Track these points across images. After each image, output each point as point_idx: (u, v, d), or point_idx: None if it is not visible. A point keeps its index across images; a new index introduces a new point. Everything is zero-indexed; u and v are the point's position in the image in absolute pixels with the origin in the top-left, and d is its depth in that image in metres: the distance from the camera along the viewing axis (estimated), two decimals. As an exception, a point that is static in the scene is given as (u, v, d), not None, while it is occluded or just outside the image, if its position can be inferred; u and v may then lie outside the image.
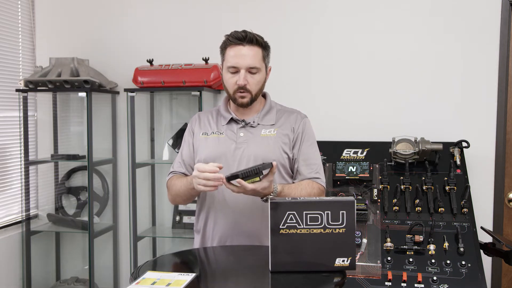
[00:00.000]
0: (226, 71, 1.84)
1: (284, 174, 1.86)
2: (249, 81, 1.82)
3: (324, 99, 3.01)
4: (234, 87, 1.83)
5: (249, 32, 1.82)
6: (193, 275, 1.35)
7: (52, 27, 3.35)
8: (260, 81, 1.86)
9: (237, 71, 1.81)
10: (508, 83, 2.81)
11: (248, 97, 1.84)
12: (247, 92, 1.83)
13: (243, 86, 1.81)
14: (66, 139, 3.37)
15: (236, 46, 1.81)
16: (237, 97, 1.84)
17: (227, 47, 1.83)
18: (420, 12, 2.87)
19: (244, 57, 1.80)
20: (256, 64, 1.82)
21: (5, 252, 3.04)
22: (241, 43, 1.80)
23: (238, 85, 1.81)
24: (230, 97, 1.87)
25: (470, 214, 2.43)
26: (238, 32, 1.82)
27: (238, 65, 1.80)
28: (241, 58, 1.79)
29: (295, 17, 3.02)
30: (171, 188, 1.90)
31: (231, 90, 1.84)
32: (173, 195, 1.91)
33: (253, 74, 1.82)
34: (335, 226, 1.40)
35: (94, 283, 3.09)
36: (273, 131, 1.87)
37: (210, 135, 1.90)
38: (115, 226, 3.30)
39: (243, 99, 1.84)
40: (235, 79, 1.81)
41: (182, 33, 3.17)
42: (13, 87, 3.10)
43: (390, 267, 2.26)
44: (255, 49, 1.82)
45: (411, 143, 2.63)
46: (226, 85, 1.87)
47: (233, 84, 1.82)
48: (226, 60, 1.84)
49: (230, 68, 1.82)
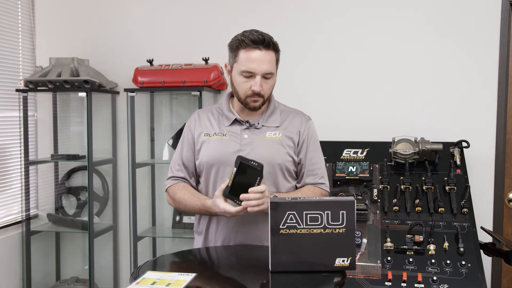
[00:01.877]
0: (239, 75, 1.76)
1: (288, 177, 1.85)
2: (264, 86, 1.76)
3: (324, 99, 3.00)
4: (248, 92, 1.75)
5: (266, 35, 1.74)
6: (193, 275, 1.35)
7: (52, 27, 3.35)
8: (272, 86, 1.82)
9: (251, 76, 1.74)
10: (508, 83, 2.81)
11: (261, 101, 1.79)
12: (260, 97, 1.77)
13: (258, 92, 1.75)
14: (66, 139, 3.37)
15: (252, 50, 1.72)
16: (249, 102, 1.78)
17: (241, 49, 1.74)
18: (420, 12, 2.87)
19: (261, 62, 1.72)
20: (272, 70, 1.76)
21: (5, 252, 3.04)
22: (257, 47, 1.72)
23: (253, 91, 1.74)
24: (241, 101, 1.80)
25: (470, 214, 2.43)
26: (254, 34, 1.73)
27: (255, 70, 1.72)
28: (257, 64, 1.72)
29: (297, 17, 3.02)
30: (177, 201, 1.85)
31: (244, 95, 1.77)
32: (180, 207, 1.87)
33: (267, 79, 1.77)
34: (335, 226, 1.40)
35: (94, 283, 3.09)
36: (278, 134, 1.83)
37: (212, 136, 1.84)
38: (115, 226, 3.29)
39: (255, 103, 1.78)
40: (250, 84, 1.74)
41: (182, 33, 3.17)
42: (13, 87, 3.10)
43: (390, 267, 2.26)
44: (271, 53, 1.75)
45: (411, 143, 2.62)
46: (238, 89, 1.79)
47: (247, 89, 1.75)
48: (240, 63, 1.74)
49: (244, 72, 1.74)
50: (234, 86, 1.81)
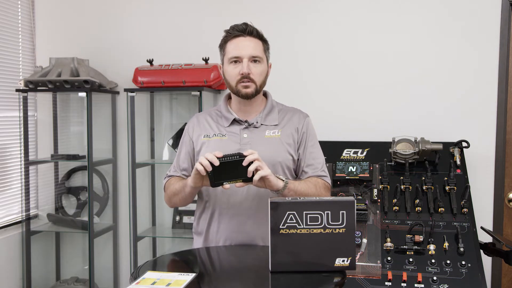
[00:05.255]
0: (228, 64, 1.81)
1: (289, 175, 1.85)
2: (252, 70, 1.78)
3: (324, 99, 3.00)
4: (237, 77, 1.78)
5: (249, 25, 1.82)
6: (193, 275, 1.35)
7: (52, 27, 3.35)
8: (263, 73, 1.83)
9: (239, 61, 1.78)
10: (508, 83, 2.81)
11: (253, 87, 1.79)
12: (251, 82, 1.78)
13: (247, 75, 1.77)
14: (66, 139, 3.37)
15: (237, 38, 1.80)
16: (240, 88, 1.79)
17: (228, 41, 1.81)
18: (420, 12, 2.87)
19: (246, 47, 1.78)
20: (258, 54, 1.80)
21: (5, 252, 3.04)
22: (241, 34, 1.79)
23: (242, 74, 1.77)
24: (233, 90, 1.82)
25: (470, 214, 2.43)
26: (238, 25, 1.81)
27: (240, 54, 1.77)
28: (243, 48, 1.78)
29: (295, 16, 3.02)
30: (168, 188, 1.87)
31: (234, 81, 1.80)
32: (169, 195, 1.86)
33: (256, 63, 1.80)
34: (335, 226, 1.40)
35: (94, 283, 3.09)
36: (277, 132, 1.84)
37: (212, 138, 1.85)
38: (115, 226, 3.30)
39: (247, 89, 1.78)
40: (238, 69, 1.78)
41: (182, 33, 3.17)
42: (13, 87, 3.10)
43: (390, 267, 2.26)
44: (255, 40, 1.81)
45: (411, 143, 2.62)
46: (228, 78, 1.82)
47: (236, 74, 1.78)
48: (228, 52, 1.81)
49: (232, 58, 1.79)
50: (226, 77, 1.85)
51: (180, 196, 1.80)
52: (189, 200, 1.83)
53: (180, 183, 1.80)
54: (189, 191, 1.74)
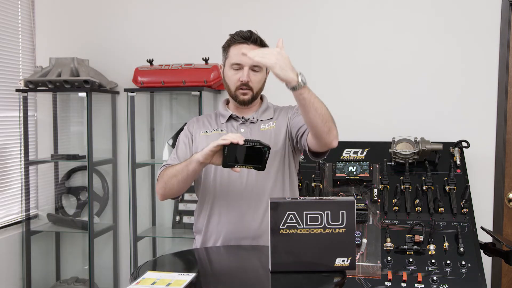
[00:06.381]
0: (229, 68, 1.86)
1: (288, 164, 1.90)
2: (252, 78, 1.85)
3: (324, 99, 2.98)
4: (236, 83, 1.85)
5: (254, 33, 1.86)
6: (193, 275, 1.35)
7: (52, 27, 3.35)
8: (261, 80, 1.90)
9: (240, 68, 1.84)
10: (508, 83, 2.81)
11: (250, 94, 1.86)
12: (249, 89, 1.85)
13: (246, 82, 1.83)
14: (66, 139, 3.37)
15: (240, 44, 1.84)
16: (238, 94, 1.86)
17: (231, 46, 1.86)
18: (421, 12, 2.87)
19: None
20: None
21: (5, 252, 3.04)
22: (245, 41, 1.84)
23: (241, 82, 1.83)
24: (231, 94, 1.89)
25: (470, 214, 2.43)
26: (243, 32, 1.86)
27: (242, 62, 1.82)
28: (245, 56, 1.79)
29: (296, 16, 3.02)
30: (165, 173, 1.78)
31: (233, 87, 1.86)
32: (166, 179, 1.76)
33: (256, 72, 1.85)
34: (335, 226, 1.40)
35: (94, 283, 3.09)
36: (272, 124, 1.91)
37: (211, 133, 1.91)
38: (115, 226, 3.30)
39: (244, 96, 1.86)
40: (238, 75, 1.84)
41: (182, 33, 3.17)
42: (13, 87, 3.09)
43: (390, 267, 2.26)
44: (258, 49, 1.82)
45: (411, 143, 2.62)
46: (228, 82, 1.88)
47: (236, 80, 1.85)
48: (230, 57, 1.86)
49: (233, 65, 1.84)
50: (225, 80, 1.90)
51: (179, 177, 1.72)
52: (189, 181, 1.74)
53: (182, 163, 1.73)
54: (192, 168, 1.67)
